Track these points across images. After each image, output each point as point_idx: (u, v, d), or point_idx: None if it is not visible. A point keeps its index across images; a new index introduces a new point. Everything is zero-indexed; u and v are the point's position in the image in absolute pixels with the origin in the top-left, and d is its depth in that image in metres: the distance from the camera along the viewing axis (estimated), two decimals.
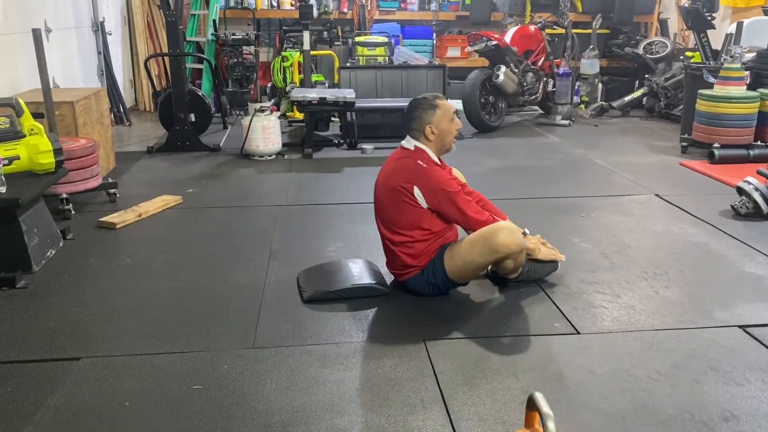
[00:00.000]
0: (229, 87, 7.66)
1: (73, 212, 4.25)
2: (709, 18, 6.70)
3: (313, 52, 7.55)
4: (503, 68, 6.90)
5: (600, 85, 8.28)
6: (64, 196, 4.20)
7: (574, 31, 7.93)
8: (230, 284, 3.28)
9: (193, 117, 6.23)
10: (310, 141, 6.05)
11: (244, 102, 7.30)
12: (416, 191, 2.98)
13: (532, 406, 1.51)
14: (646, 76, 8.10)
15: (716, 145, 5.62)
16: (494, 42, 6.97)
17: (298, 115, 6.88)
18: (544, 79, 7.54)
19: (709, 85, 5.91)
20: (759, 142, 5.67)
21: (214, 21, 8.19)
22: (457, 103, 6.56)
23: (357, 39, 8.24)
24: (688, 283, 3.31)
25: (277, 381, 2.44)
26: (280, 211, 4.41)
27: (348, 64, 7.70)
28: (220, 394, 2.36)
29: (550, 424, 1.43)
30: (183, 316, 2.94)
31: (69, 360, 2.58)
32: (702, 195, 4.77)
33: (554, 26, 7.84)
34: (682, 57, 7.81)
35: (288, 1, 8.75)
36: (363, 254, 3.62)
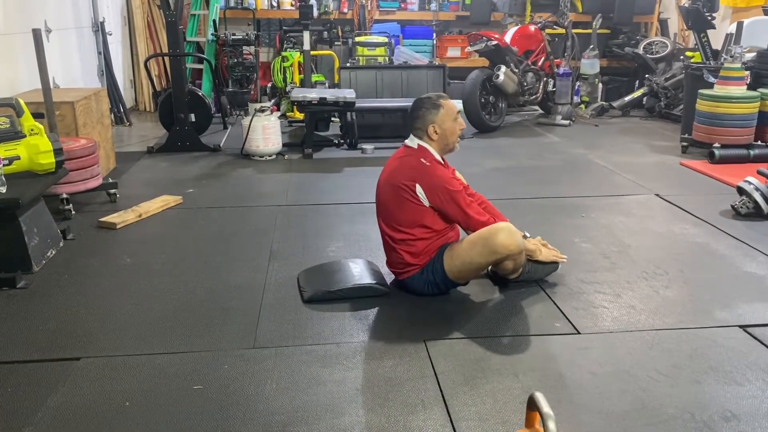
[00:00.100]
0: (229, 87, 7.65)
1: (73, 212, 4.26)
2: (709, 18, 6.70)
3: (313, 52, 7.55)
4: (503, 68, 6.90)
5: (600, 85, 8.28)
6: (65, 196, 4.20)
7: (574, 31, 7.92)
8: (230, 284, 3.28)
9: (193, 117, 6.24)
10: (310, 141, 6.04)
11: (244, 102, 7.29)
12: (418, 189, 2.98)
13: (533, 406, 1.51)
14: (647, 76, 8.10)
15: (716, 145, 5.61)
16: (494, 42, 6.97)
17: (298, 115, 6.88)
18: (545, 79, 7.54)
19: (710, 85, 5.91)
20: (759, 142, 5.67)
21: (214, 21, 8.19)
22: (457, 103, 6.52)
23: (357, 39, 8.23)
24: (688, 283, 3.31)
25: (277, 381, 2.44)
26: (280, 211, 4.41)
27: (348, 64, 7.70)
28: (221, 394, 2.35)
29: (551, 424, 1.43)
30: (183, 316, 2.94)
31: (69, 360, 2.58)
32: (702, 195, 4.77)
33: (554, 26, 7.84)
34: (682, 57, 7.81)
35: (288, 1, 8.75)
36: (363, 254, 3.62)
